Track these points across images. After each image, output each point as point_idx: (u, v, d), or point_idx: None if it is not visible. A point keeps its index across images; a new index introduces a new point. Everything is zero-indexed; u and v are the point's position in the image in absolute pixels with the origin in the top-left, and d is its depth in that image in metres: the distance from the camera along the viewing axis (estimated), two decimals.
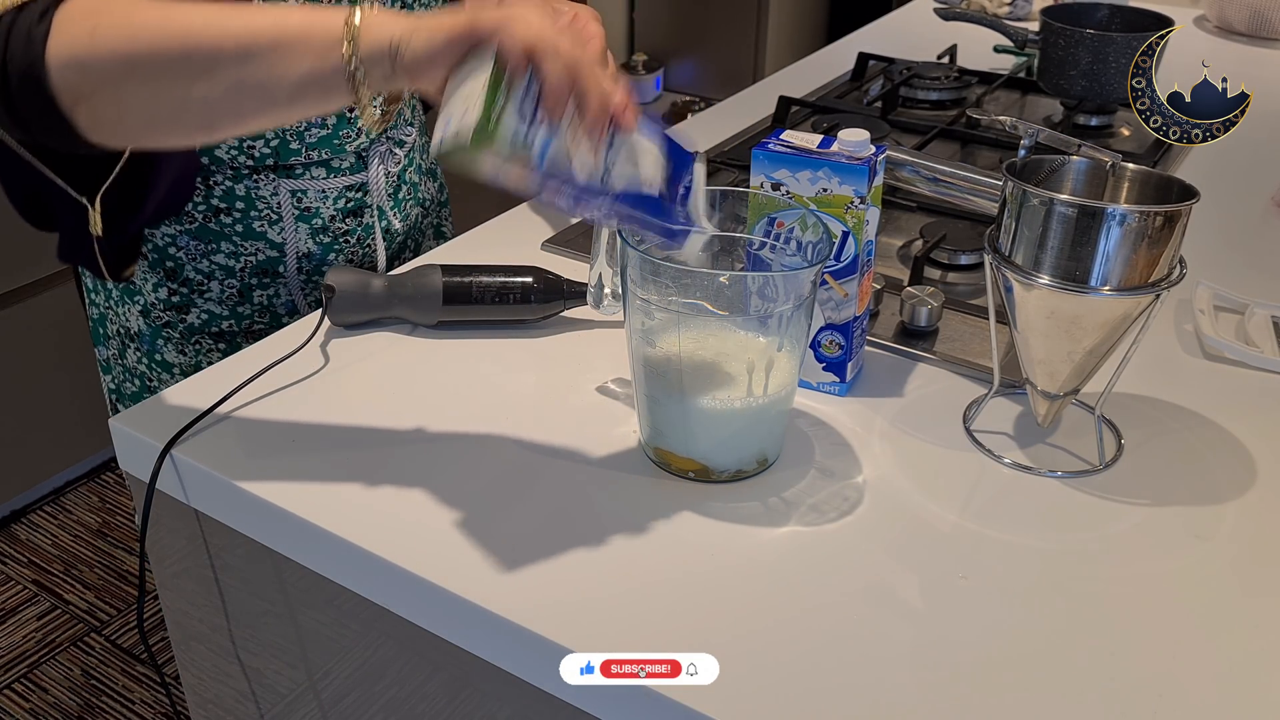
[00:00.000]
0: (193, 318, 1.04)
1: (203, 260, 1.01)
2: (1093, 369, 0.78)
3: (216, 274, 1.02)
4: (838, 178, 0.79)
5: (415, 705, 0.78)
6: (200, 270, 1.02)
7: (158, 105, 0.72)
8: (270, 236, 1.01)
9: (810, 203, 0.80)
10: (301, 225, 1.01)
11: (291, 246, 1.02)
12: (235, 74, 0.69)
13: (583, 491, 0.77)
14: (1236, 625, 0.67)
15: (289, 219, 1.01)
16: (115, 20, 0.71)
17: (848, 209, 0.80)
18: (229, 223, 1.00)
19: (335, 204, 1.02)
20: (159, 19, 0.70)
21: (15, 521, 2.20)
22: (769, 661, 0.63)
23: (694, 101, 4.24)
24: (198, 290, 1.03)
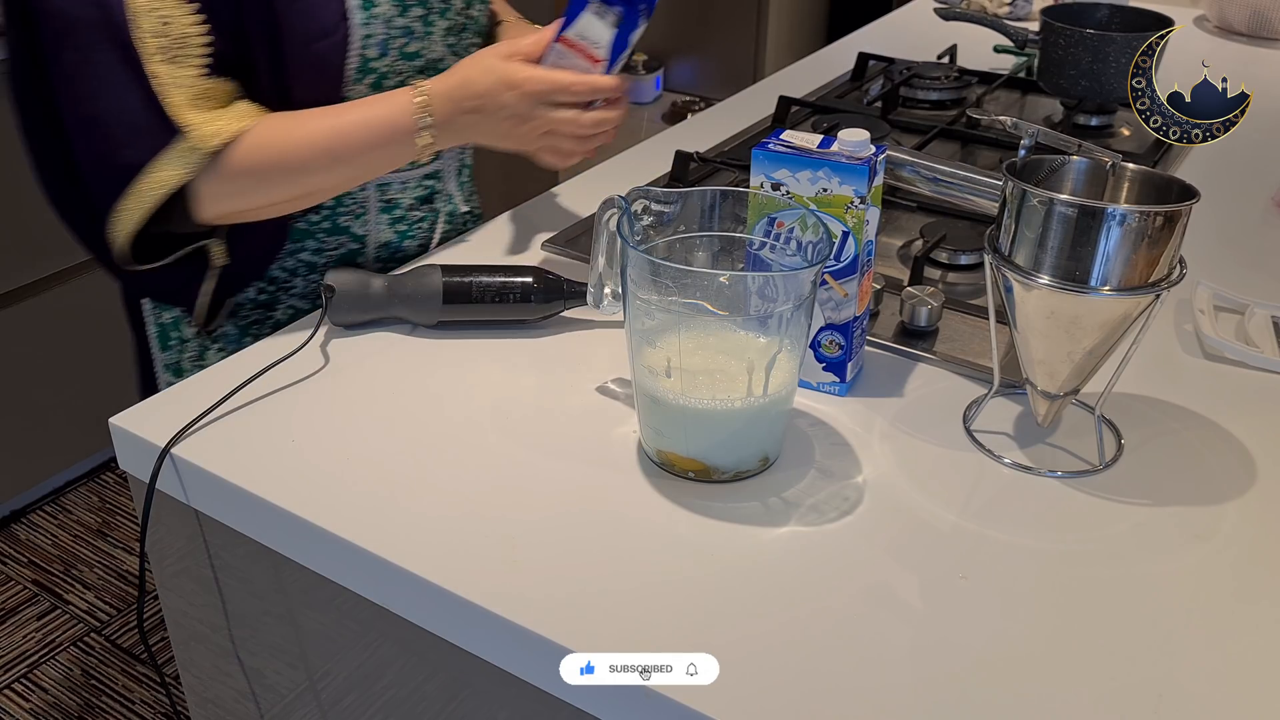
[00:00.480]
0: (279, 313, 1.09)
1: (289, 259, 1.07)
2: (1093, 369, 0.78)
3: (301, 270, 1.08)
4: (838, 178, 0.79)
5: (415, 705, 0.78)
6: (286, 268, 1.07)
7: (281, 208, 0.98)
8: (354, 230, 1.08)
9: (810, 203, 0.80)
10: (383, 216, 1.09)
11: (373, 238, 1.09)
12: (337, 178, 0.97)
13: (583, 491, 0.77)
14: (1236, 625, 0.67)
15: (373, 212, 1.08)
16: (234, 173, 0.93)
17: (848, 209, 0.80)
18: (316, 220, 1.06)
19: (413, 193, 1.10)
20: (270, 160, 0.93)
21: (15, 521, 2.20)
22: (769, 661, 0.63)
23: (694, 101, 4.23)
24: (284, 288, 1.09)
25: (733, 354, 0.75)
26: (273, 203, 0.96)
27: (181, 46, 0.89)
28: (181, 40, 0.89)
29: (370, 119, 0.94)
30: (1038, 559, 0.71)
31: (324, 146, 0.93)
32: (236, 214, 0.97)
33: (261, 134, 0.92)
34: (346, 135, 0.94)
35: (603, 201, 0.81)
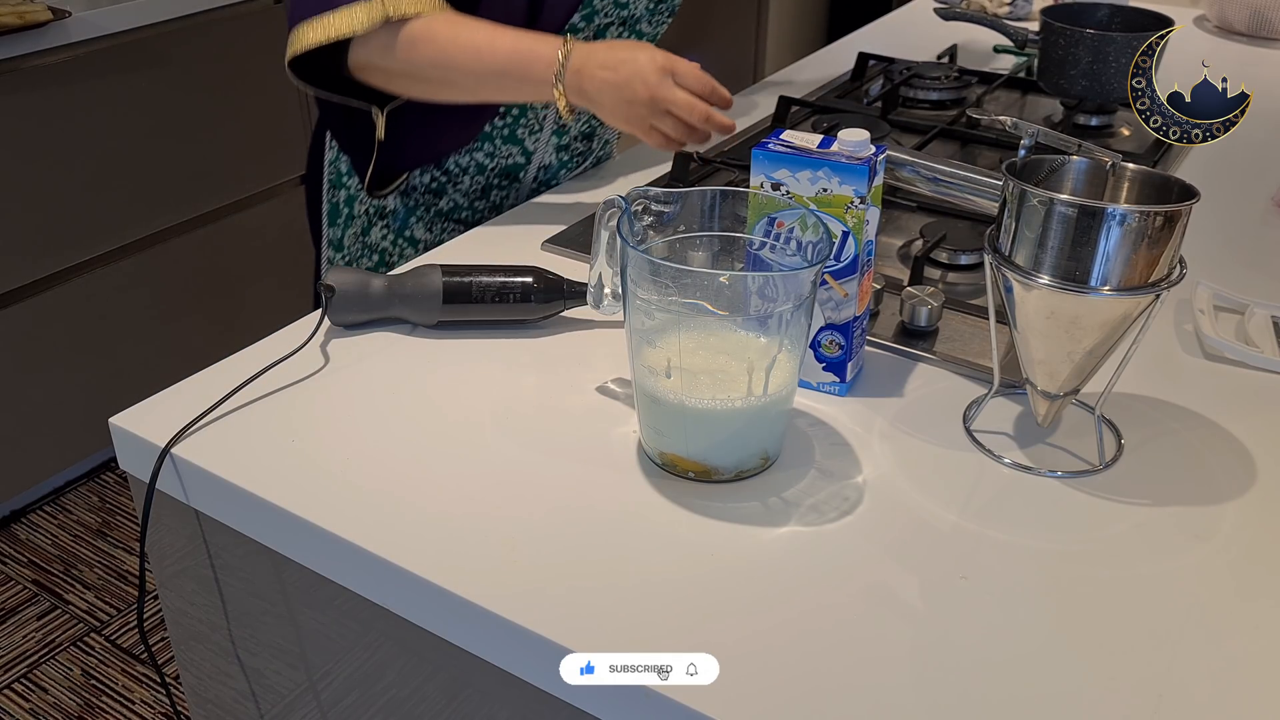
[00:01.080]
0: (443, 203, 1.23)
1: (465, 156, 1.20)
2: (1093, 369, 0.78)
3: (471, 169, 1.21)
4: (838, 178, 0.79)
5: (415, 705, 0.78)
6: (460, 164, 1.21)
7: (425, 93, 1.09)
8: (526, 145, 1.21)
9: (810, 203, 0.80)
10: (554, 139, 1.22)
11: (539, 157, 1.22)
12: (477, 89, 1.08)
13: (583, 491, 0.77)
14: (1236, 625, 0.67)
15: (547, 130, 1.21)
16: (398, 47, 1.05)
17: (848, 209, 0.80)
18: (500, 126, 1.19)
19: (581, 126, 1.24)
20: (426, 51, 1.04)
21: (15, 521, 2.20)
22: (769, 661, 0.63)
23: None
24: (453, 181, 1.22)
25: (733, 354, 0.75)
26: (418, 76, 1.06)
27: None
28: None
29: (519, 48, 1.04)
30: (1038, 559, 0.71)
31: (473, 53, 1.04)
32: (384, 70, 1.07)
33: (437, 20, 1.04)
34: (494, 52, 1.04)
35: (603, 201, 0.81)
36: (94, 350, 2.19)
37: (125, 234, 2.18)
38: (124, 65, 2.08)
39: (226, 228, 2.35)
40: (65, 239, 2.09)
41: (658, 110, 1.02)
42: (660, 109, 1.02)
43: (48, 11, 1.93)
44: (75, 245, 2.11)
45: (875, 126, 1.37)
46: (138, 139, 2.14)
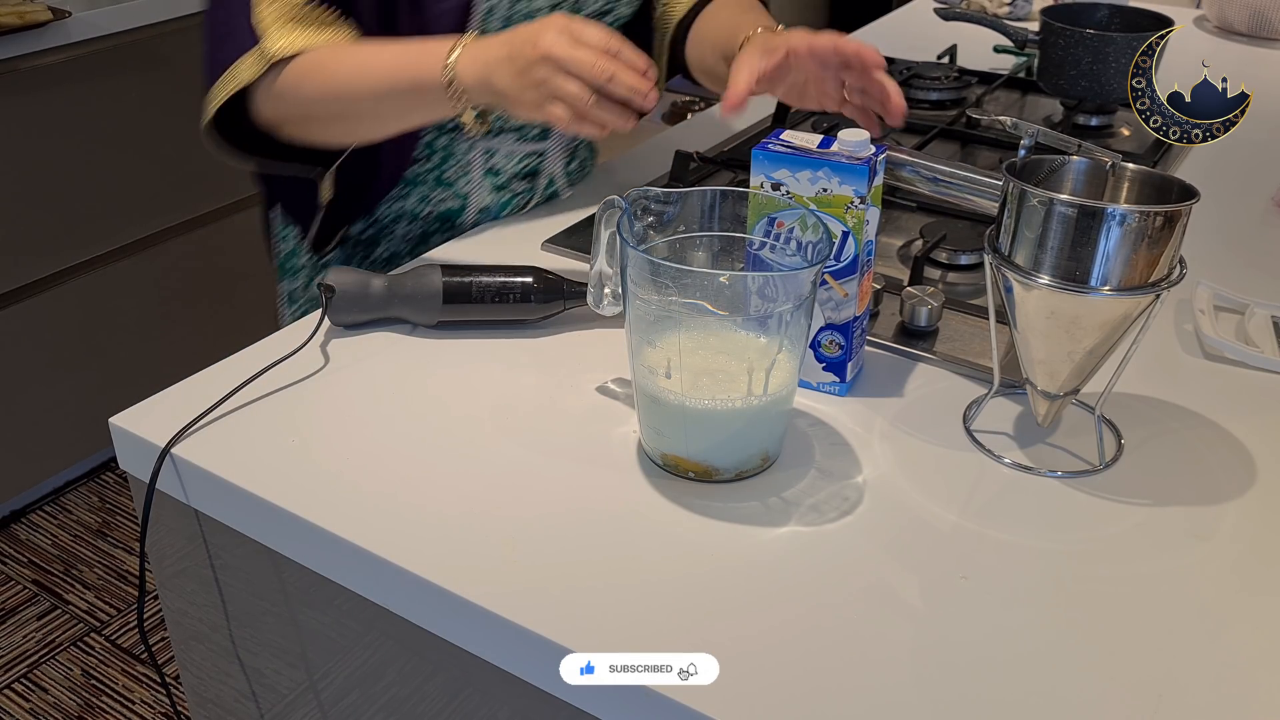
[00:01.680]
0: (379, 251, 1.18)
1: (396, 203, 1.14)
2: (1093, 369, 0.78)
3: (404, 218, 1.15)
4: (838, 178, 0.79)
5: (415, 705, 0.78)
6: (392, 211, 1.15)
7: (329, 135, 1.04)
8: (458, 188, 1.14)
9: (810, 202, 0.80)
10: (487, 180, 1.15)
11: (475, 199, 1.14)
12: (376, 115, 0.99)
13: (583, 491, 0.77)
14: (1236, 625, 0.67)
15: (477, 173, 1.14)
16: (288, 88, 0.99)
17: (848, 209, 0.80)
18: (424, 171, 1.13)
19: (518, 165, 1.16)
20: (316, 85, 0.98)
21: (15, 521, 2.20)
22: (769, 661, 0.63)
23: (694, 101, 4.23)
24: (386, 230, 1.16)
25: (733, 354, 0.75)
26: (309, 115, 1.00)
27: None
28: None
29: (405, 56, 0.96)
30: (1038, 559, 0.71)
31: (359, 76, 0.97)
32: (284, 119, 1.02)
33: (321, 52, 0.98)
34: (380, 68, 0.96)
35: (603, 201, 0.81)
36: (94, 350, 2.19)
37: (125, 234, 2.18)
38: (124, 65, 2.08)
39: (226, 228, 2.35)
40: (65, 239, 2.09)
41: (556, 74, 0.86)
42: (558, 72, 0.86)
43: (48, 11, 1.93)
44: (75, 245, 2.11)
45: None
46: (137, 139, 2.14)
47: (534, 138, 1.15)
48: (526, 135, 1.12)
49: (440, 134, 1.11)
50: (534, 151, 1.16)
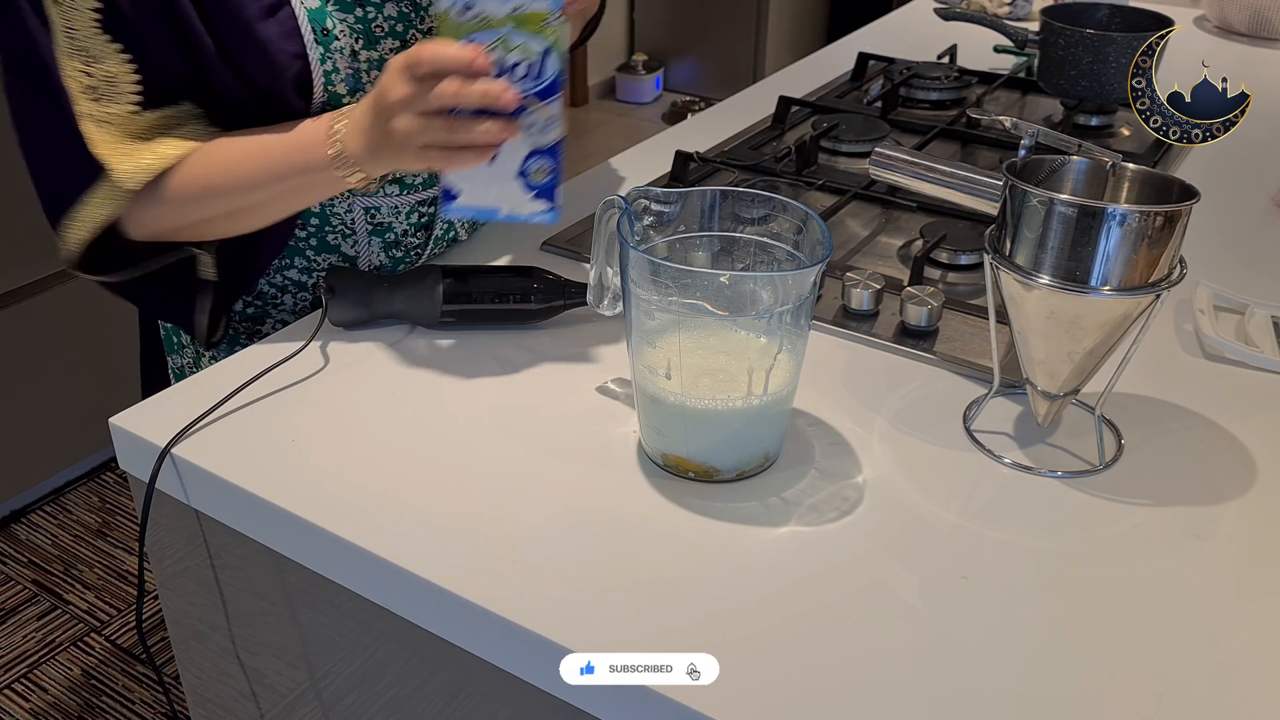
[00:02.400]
0: (267, 328, 1.07)
1: (276, 275, 1.04)
2: (1093, 369, 0.78)
3: (290, 288, 1.05)
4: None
5: (415, 705, 0.78)
6: (274, 284, 1.05)
7: (216, 232, 0.98)
8: (344, 250, 1.04)
9: (506, 22, 0.78)
10: (375, 239, 1.04)
11: (365, 260, 1.05)
12: (263, 205, 0.94)
13: (583, 491, 0.77)
14: (1236, 625, 0.67)
15: (362, 234, 1.03)
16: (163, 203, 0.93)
17: (545, 24, 0.78)
18: (303, 237, 1.03)
19: (408, 219, 1.05)
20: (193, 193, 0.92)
21: (15, 521, 2.20)
22: (769, 661, 0.63)
23: (694, 101, 4.24)
24: (272, 303, 1.06)
25: (733, 354, 0.75)
26: (196, 222, 0.95)
27: (110, 85, 0.89)
28: (109, 80, 0.89)
29: (286, 144, 0.91)
30: (1038, 559, 0.71)
31: (239, 175, 0.91)
32: (164, 234, 0.97)
33: (188, 161, 0.92)
34: (264, 161, 0.91)
35: (603, 201, 0.81)
36: (94, 350, 2.19)
37: None
38: None
39: None
40: None
41: (414, 121, 0.81)
42: (416, 118, 0.81)
43: None
44: None
45: (875, 126, 1.37)
46: None
47: (420, 186, 1.04)
48: (411, 186, 1.02)
49: None
50: (424, 200, 1.05)
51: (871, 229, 1.15)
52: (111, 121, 0.89)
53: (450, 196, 0.85)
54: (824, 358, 0.91)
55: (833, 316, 0.96)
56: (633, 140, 1.42)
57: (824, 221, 0.76)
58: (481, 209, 0.86)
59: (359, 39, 0.94)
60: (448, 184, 0.85)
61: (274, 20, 0.90)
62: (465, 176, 0.85)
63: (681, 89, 4.43)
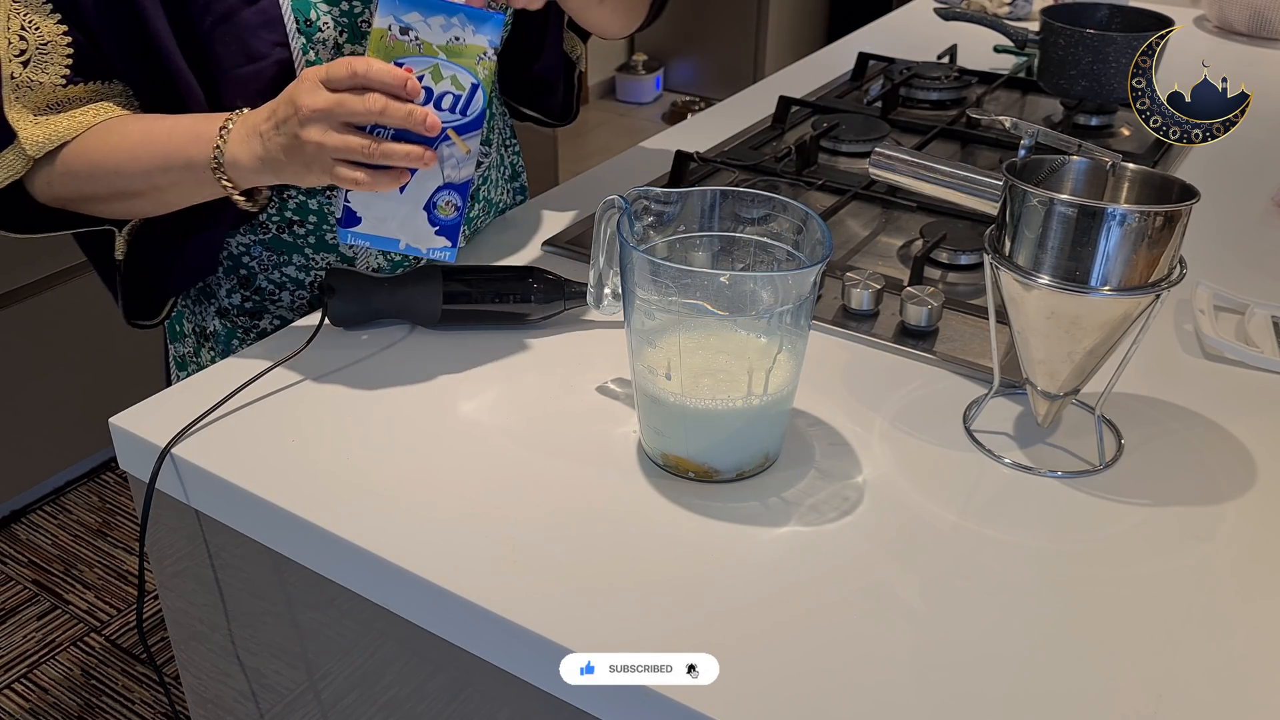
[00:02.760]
0: (265, 323, 1.08)
1: (275, 271, 1.05)
2: (1093, 369, 0.78)
3: (288, 285, 1.06)
4: (472, 26, 0.77)
5: (415, 705, 0.78)
6: (272, 280, 1.05)
7: (112, 211, 0.98)
8: (343, 250, 1.04)
9: (440, 51, 0.78)
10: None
11: (363, 260, 1.05)
12: (153, 192, 0.92)
13: (583, 491, 0.77)
14: (1236, 625, 0.67)
15: None
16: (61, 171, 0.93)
17: (479, 59, 0.78)
18: (302, 234, 1.03)
19: None
20: (87, 168, 0.92)
21: (15, 521, 2.20)
22: (769, 661, 0.63)
23: (694, 101, 4.24)
24: (270, 299, 1.06)
25: (733, 354, 0.75)
26: (88, 196, 0.95)
27: (42, 53, 0.89)
28: (43, 48, 0.89)
29: (176, 132, 0.89)
30: (1038, 559, 0.71)
31: (128, 153, 0.90)
32: (62, 201, 0.97)
33: (91, 134, 0.92)
34: (150, 145, 0.90)
35: (603, 201, 0.81)
36: (94, 350, 2.19)
37: None
38: None
39: None
40: (65, 239, 2.09)
41: (327, 132, 0.79)
42: (329, 130, 0.79)
43: None
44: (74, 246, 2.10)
45: (875, 126, 1.37)
46: None
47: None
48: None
49: (311, 195, 1.01)
50: None
51: (871, 229, 1.15)
52: (33, 88, 0.91)
53: (351, 219, 0.84)
54: (824, 358, 0.91)
55: (833, 316, 0.96)
56: (633, 140, 1.42)
57: (824, 221, 0.76)
58: (382, 237, 0.85)
59: (344, 32, 0.93)
60: (351, 205, 0.84)
61: (255, 9, 0.90)
62: (369, 200, 0.83)
63: (681, 89, 4.43)
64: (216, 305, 1.08)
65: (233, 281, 1.06)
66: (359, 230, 0.84)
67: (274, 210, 1.01)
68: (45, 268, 2.07)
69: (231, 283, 1.06)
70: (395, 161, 0.80)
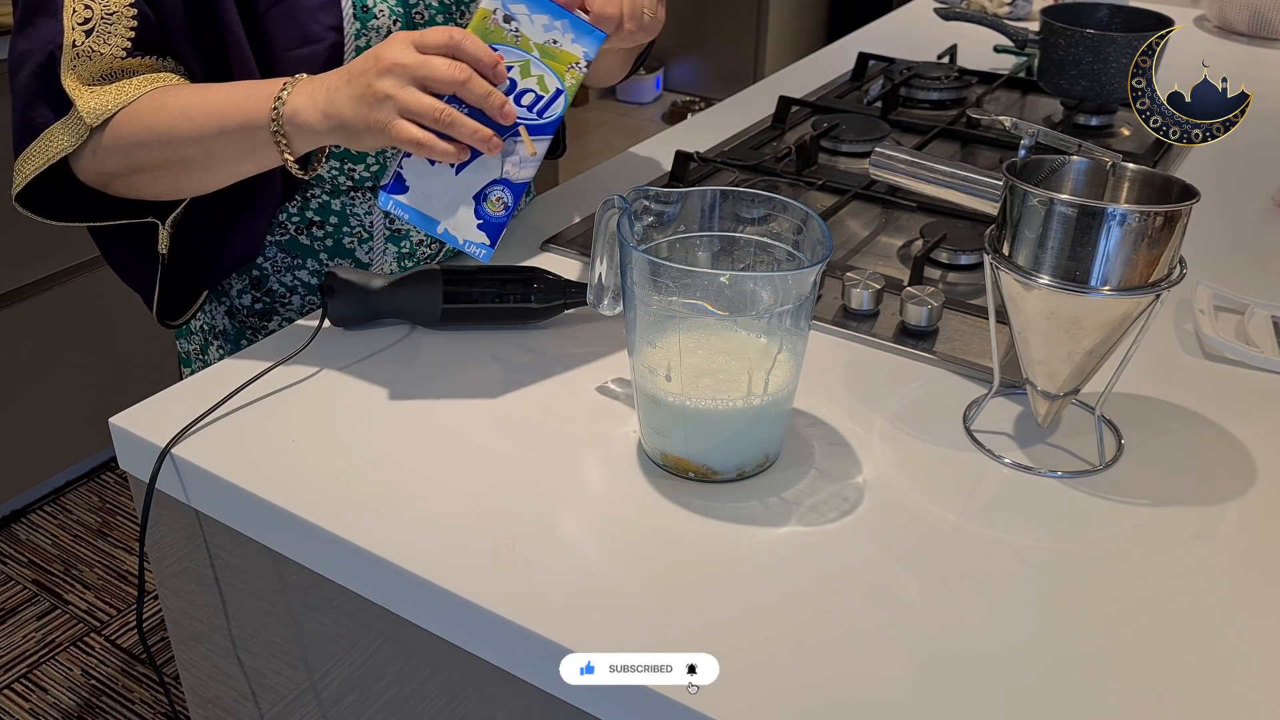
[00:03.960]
0: (274, 325, 1.07)
1: (287, 274, 1.05)
2: (1093, 369, 0.78)
3: (299, 289, 1.05)
4: (572, 35, 0.76)
5: (415, 705, 0.78)
6: (284, 283, 1.05)
7: (159, 186, 0.94)
8: (358, 255, 1.04)
9: (535, 49, 0.76)
10: (391, 246, 1.03)
11: (378, 266, 1.04)
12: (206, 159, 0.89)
13: (583, 492, 0.77)
14: (1236, 625, 0.67)
15: (379, 239, 1.02)
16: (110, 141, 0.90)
17: (570, 68, 0.77)
18: (320, 236, 1.02)
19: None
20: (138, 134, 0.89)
21: (15, 521, 2.20)
22: (769, 661, 0.63)
23: (694, 101, 4.23)
24: (280, 301, 1.06)
25: (733, 354, 0.75)
26: (136, 167, 0.91)
27: (107, 23, 0.88)
28: (108, 18, 0.89)
29: (235, 93, 0.87)
30: (1038, 559, 0.71)
31: (184, 116, 0.88)
32: (107, 175, 0.93)
33: (144, 99, 0.90)
34: (207, 106, 0.87)
35: (603, 201, 0.81)
36: (94, 350, 2.19)
37: None
38: None
39: None
40: (65, 239, 2.09)
41: (402, 87, 0.77)
42: (405, 85, 0.76)
43: None
44: (75, 245, 2.11)
45: (875, 126, 1.37)
46: None
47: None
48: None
49: (335, 196, 1.01)
50: None
51: (871, 229, 1.15)
52: (92, 58, 0.89)
53: (399, 186, 0.80)
54: (824, 358, 0.91)
55: (833, 316, 0.96)
56: (633, 140, 1.42)
57: (824, 221, 0.76)
58: (423, 214, 0.81)
59: (398, 21, 0.94)
60: (402, 172, 0.80)
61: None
62: (421, 171, 0.80)
63: (681, 89, 4.43)
64: (228, 305, 1.09)
65: (244, 282, 1.06)
66: (403, 199, 0.80)
67: (294, 210, 1.01)
68: (46, 267, 2.07)
69: (243, 283, 1.07)
70: (460, 134, 0.76)
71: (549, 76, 0.76)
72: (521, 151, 0.78)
